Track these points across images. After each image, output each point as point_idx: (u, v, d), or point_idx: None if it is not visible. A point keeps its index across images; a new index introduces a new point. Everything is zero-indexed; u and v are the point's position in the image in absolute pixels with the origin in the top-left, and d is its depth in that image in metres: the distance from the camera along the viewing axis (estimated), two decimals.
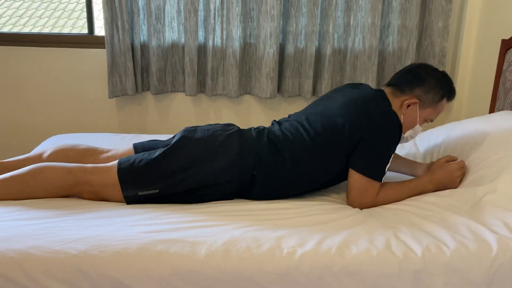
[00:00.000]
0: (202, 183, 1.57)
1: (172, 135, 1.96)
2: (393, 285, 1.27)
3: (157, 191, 1.54)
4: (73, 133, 2.55)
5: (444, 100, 1.72)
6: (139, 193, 1.53)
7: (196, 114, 2.83)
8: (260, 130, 1.73)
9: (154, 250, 1.25)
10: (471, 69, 2.64)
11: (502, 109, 2.31)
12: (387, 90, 1.73)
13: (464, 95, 2.70)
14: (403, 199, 1.64)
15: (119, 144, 2.13)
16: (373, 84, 2.67)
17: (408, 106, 1.69)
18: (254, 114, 2.85)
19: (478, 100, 2.59)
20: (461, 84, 2.70)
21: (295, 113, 1.83)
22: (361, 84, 1.84)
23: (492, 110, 2.41)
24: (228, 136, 1.65)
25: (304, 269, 1.26)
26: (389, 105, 1.68)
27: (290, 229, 1.39)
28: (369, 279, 1.27)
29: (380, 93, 1.72)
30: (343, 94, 1.75)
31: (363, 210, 1.59)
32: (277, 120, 1.82)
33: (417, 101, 1.68)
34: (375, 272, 1.27)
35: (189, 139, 1.63)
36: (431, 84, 1.69)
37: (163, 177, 1.55)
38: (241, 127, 2.78)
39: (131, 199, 1.53)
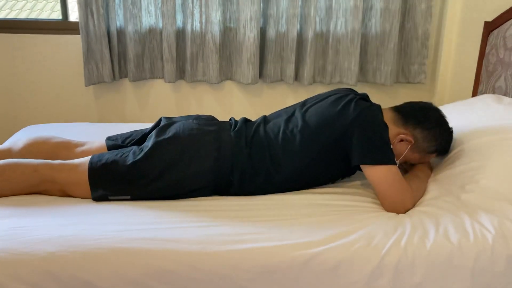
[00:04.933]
0: (175, 190, 1.52)
1: (151, 124, 1.90)
2: (374, 277, 1.25)
3: (128, 197, 1.50)
4: (48, 123, 2.48)
5: (435, 154, 1.66)
6: (110, 197, 1.49)
7: (176, 101, 2.77)
8: (240, 131, 1.62)
9: (127, 250, 1.21)
10: (454, 52, 2.61)
11: (485, 93, 2.29)
12: (389, 112, 1.63)
13: (447, 78, 2.67)
14: (424, 189, 1.58)
15: (97, 134, 2.06)
16: (356, 69, 2.63)
17: (401, 140, 1.59)
18: (235, 100, 2.80)
19: (462, 84, 2.56)
20: (444, 67, 2.67)
21: (285, 109, 1.74)
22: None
23: (475, 93, 2.40)
24: (204, 139, 1.57)
25: (284, 266, 1.22)
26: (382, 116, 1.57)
27: (270, 224, 1.35)
28: (353, 273, 1.24)
29: (376, 106, 1.60)
30: (331, 99, 1.65)
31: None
32: (266, 116, 1.73)
33: (412, 141, 1.59)
34: (356, 265, 1.24)
35: (162, 144, 1.54)
36: (435, 134, 1.60)
37: (135, 186, 1.50)
38: (223, 114, 2.78)
39: (100, 200, 1.49)
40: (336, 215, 1.42)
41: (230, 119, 1.75)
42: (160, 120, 1.73)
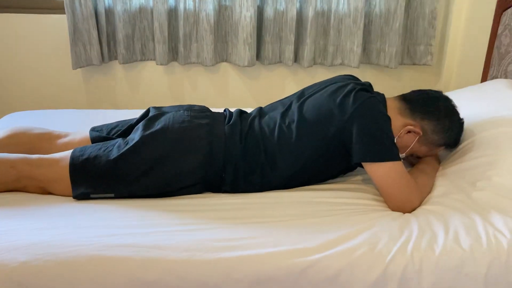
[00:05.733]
0: (163, 188, 1.41)
1: (142, 110, 1.78)
2: (378, 286, 1.15)
3: (112, 195, 1.38)
4: (33, 109, 2.36)
5: (443, 147, 1.55)
6: (92, 195, 1.38)
7: (169, 84, 2.64)
8: (235, 125, 1.50)
9: (107, 259, 1.10)
10: (463, 33, 2.48)
11: (496, 77, 2.16)
12: (395, 102, 1.51)
13: (455, 61, 2.55)
14: (432, 185, 1.47)
15: (83, 123, 1.94)
16: (358, 50, 2.49)
17: (409, 132, 1.48)
18: (231, 84, 2.67)
19: (470, 66, 2.44)
20: (452, 48, 2.55)
21: (281, 101, 1.62)
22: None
23: (485, 78, 2.27)
24: (196, 133, 1.45)
25: (279, 275, 1.12)
26: (385, 107, 1.47)
27: (265, 226, 1.25)
28: (354, 282, 1.14)
29: (379, 96, 1.48)
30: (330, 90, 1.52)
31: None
32: (262, 108, 1.62)
33: (421, 133, 1.48)
34: (358, 274, 1.14)
35: (149, 138, 1.42)
36: (444, 126, 1.48)
37: (119, 183, 1.39)
38: (218, 98, 2.65)
39: (82, 198, 1.38)
40: (336, 216, 1.31)
41: (225, 110, 1.63)
42: (148, 111, 1.61)
